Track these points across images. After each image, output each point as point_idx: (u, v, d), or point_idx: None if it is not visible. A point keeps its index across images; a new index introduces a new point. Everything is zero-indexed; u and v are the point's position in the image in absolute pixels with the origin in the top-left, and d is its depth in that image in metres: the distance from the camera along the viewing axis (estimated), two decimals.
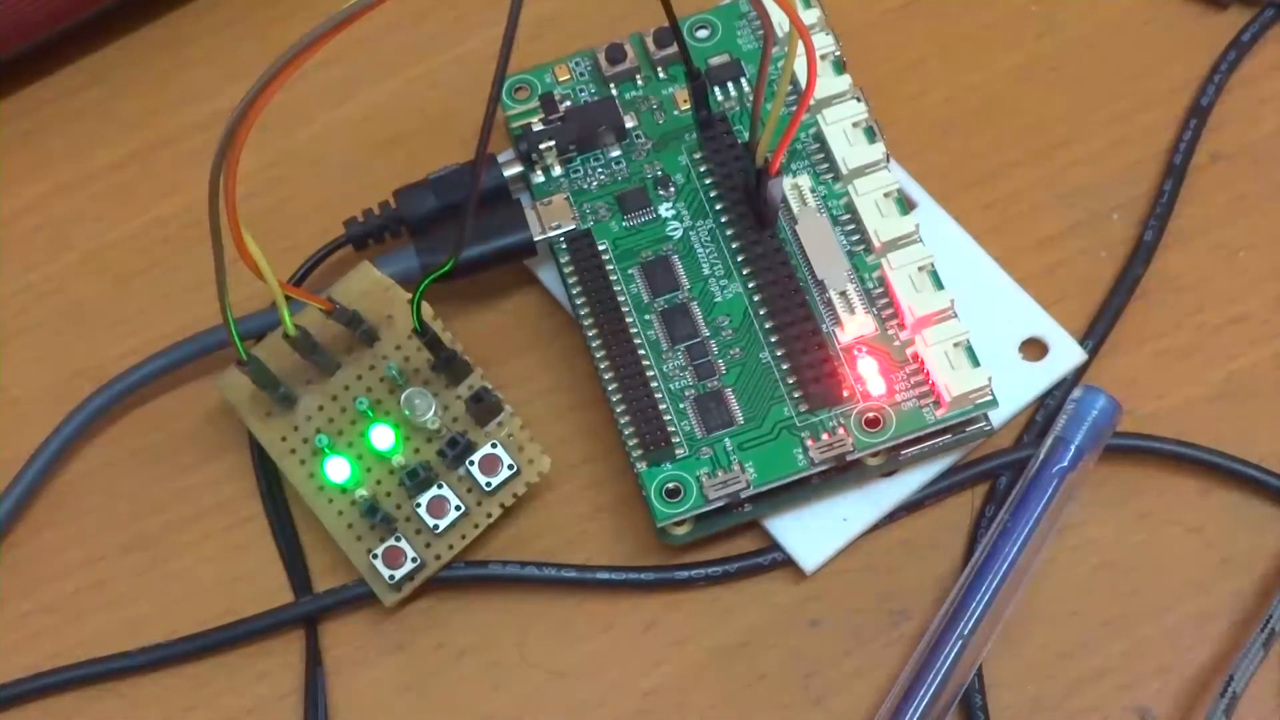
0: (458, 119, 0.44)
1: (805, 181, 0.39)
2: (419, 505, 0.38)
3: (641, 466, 0.37)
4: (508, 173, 0.41)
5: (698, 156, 0.40)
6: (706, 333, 0.38)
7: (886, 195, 0.39)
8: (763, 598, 0.38)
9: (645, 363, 0.38)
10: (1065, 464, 0.37)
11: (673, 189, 0.40)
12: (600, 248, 0.39)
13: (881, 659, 0.38)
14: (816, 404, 0.37)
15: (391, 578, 0.38)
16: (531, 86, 0.41)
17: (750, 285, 0.39)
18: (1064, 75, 0.43)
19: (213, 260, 0.33)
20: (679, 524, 0.38)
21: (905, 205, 0.39)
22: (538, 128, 0.40)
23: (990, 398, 0.37)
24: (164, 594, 0.39)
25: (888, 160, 0.39)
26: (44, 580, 0.40)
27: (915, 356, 0.38)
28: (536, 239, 0.40)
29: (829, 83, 0.40)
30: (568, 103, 0.41)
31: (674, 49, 0.41)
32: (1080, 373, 0.40)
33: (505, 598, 0.39)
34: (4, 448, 0.41)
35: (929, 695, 0.35)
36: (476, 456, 0.38)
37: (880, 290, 0.38)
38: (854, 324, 0.38)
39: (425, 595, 0.39)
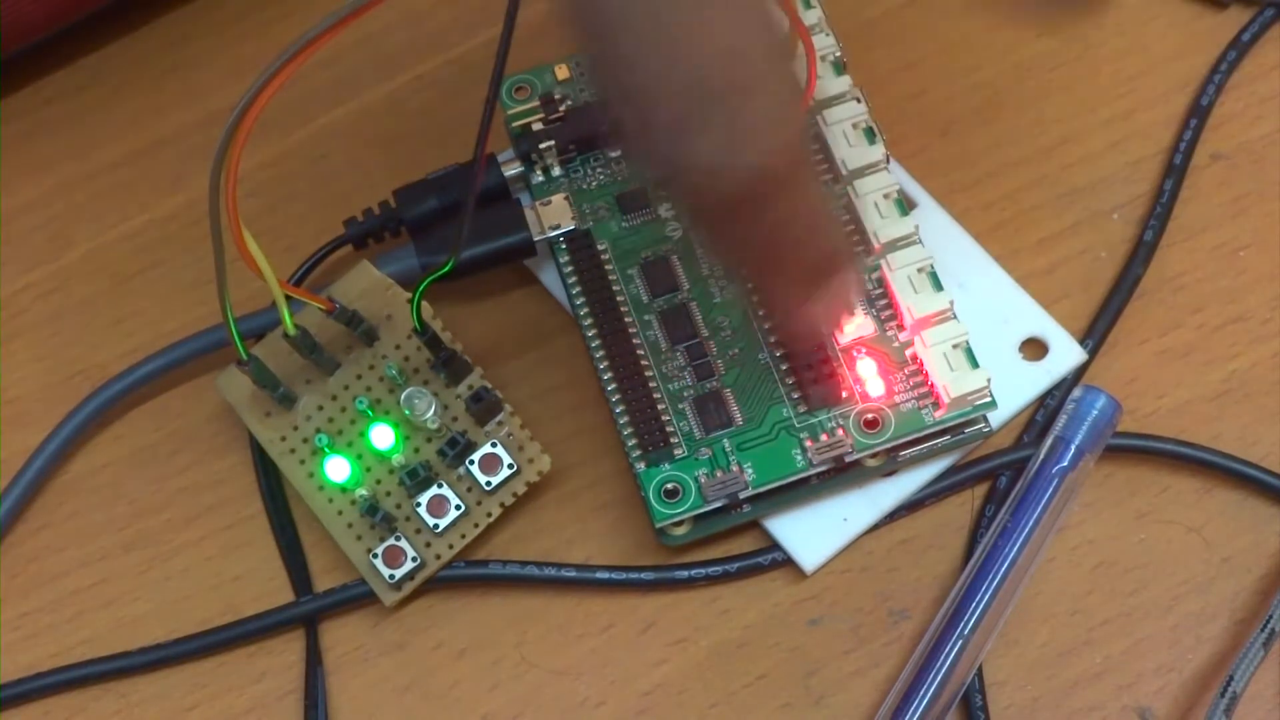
0: (458, 119, 0.44)
1: None
2: (419, 505, 0.38)
3: (640, 467, 0.37)
4: (508, 172, 0.41)
5: None
6: (706, 333, 0.38)
7: (886, 196, 0.38)
8: (762, 597, 0.38)
9: (644, 363, 0.38)
10: (1065, 464, 0.37)
11: None
12: (600, 248, 0.39)
13: (881, 659, 0.38)
14: (815, 405, 0.37)
15: (391, 577, 0.38)
16: (531, 86, 0.41)
17: (749, 286, 0.39)
18: (1064, 75, 0.43)
19: (213, 260, 0.33)
20: (678, 524, 0.38)
21: (905, 206, 0.39)
22: (538, 127, 0.40)
23: (989, 399, 0.37)
24: (164, 594, 0.39)
25: (888, 161, 0.39)
26: (44, 580, 0.40)
27: (914, 358, 0.37)
28: (536, 239, 0.40)
29: (829, 83, 0.40)
30: (568, 103, 0.41)
31: None
32: (1080, 372, 0.40)
33: (505, 597, 0.39)
34: (4, 448, 0.41)
35: (929, 695, 0.35)
36: (476, 456, 0.38)
37: (879, 291, 0.38)
38: (853, 325, 0.38)
39: (425, 595, 0.39)
